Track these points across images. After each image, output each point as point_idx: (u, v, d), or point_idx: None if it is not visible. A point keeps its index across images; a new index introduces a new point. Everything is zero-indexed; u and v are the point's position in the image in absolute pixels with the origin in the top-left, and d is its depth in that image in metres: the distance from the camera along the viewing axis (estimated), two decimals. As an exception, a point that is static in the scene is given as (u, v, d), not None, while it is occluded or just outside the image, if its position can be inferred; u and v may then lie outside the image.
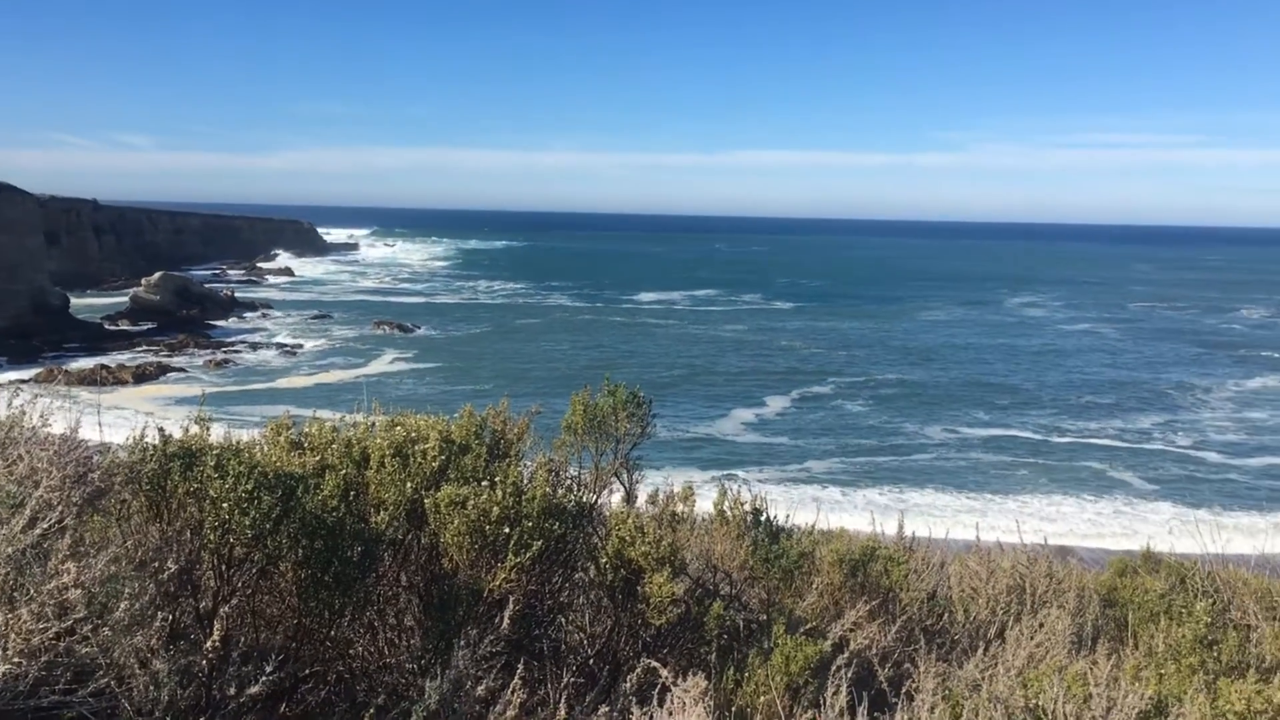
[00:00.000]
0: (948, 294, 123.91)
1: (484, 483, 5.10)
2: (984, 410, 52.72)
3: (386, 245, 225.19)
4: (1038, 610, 6.75)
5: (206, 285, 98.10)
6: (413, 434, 5.38)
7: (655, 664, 4.39)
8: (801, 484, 38.38)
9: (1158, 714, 4.47)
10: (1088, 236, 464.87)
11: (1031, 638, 6.01)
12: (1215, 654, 5.89)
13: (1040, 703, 4.50)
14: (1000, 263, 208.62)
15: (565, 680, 5.12)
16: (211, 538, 4.48)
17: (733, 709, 4.95)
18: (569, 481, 5.93)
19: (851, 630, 5.49)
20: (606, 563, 5.31)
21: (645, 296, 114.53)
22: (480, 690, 4.37)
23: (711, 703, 4.11)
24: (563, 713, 4.29)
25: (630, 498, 6.65)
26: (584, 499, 5.93)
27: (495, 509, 4.95)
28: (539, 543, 4.98)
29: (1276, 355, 74.72)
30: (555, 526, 5.25)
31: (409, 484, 5.12)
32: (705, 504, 6.75)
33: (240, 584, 4.69)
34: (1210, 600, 8.18)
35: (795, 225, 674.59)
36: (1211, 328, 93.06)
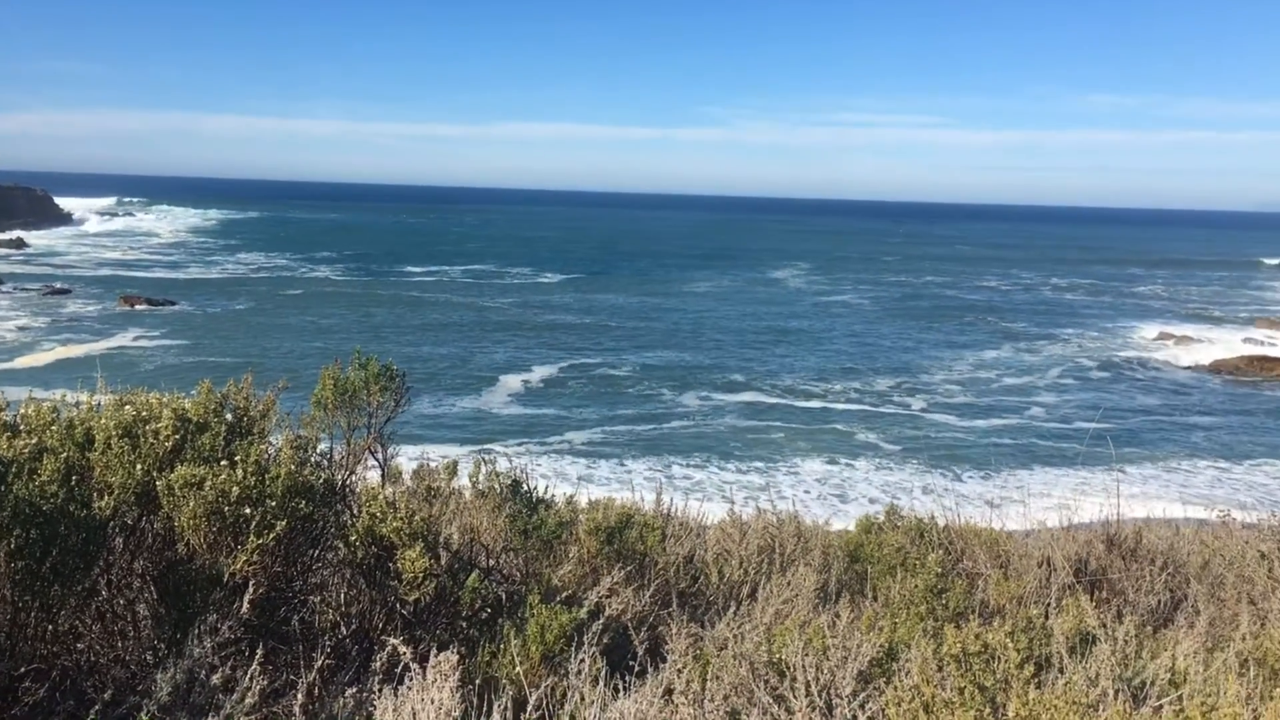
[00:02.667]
0: (711, 266, 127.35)
1: (223, 462, 4.86)
2: (744, 378, 54.58)
3: (135, 215, 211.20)
4: (786, 569, 7.04)
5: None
6: (144, 413, 5.06)
7: (395, 642, 4.31)
8: (564, 455, 38.68)
9: (889, 660, 4.74)
10: (842, 211, 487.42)
11: (779, 595, 6.26)
12: (944, 602, 6.30)
13: (783, 656, 4.68)
14: (762, 237, 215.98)
15: (320, 662, 4.96)
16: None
17: (489, 681, 4.92)
18: (318, 458, 5.73)
19: (607, 596, 5.55)
20: (356, 540, 5.17)
21: (414, 269, 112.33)
22: (216, 679, 4.17)
23: (459, 678, 4.06)
24: (300, 697, 4.14)
25: (385, 473, 6.51)
26: (335, 476, 5.76)
27: (235, 489, 4.72)
28: (283, 523, 4.79)
29: (1010, 324, 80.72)
30: (302, 505, 5.06)
31: (139, 466, 4.82)
32: (466, 477, 6.69)
33: (-56, 580, 4.30)
34: (943, 552, 8.77)
35: (564, 198, 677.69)
36: (954, 298, 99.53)
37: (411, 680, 4.05)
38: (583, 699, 4.19)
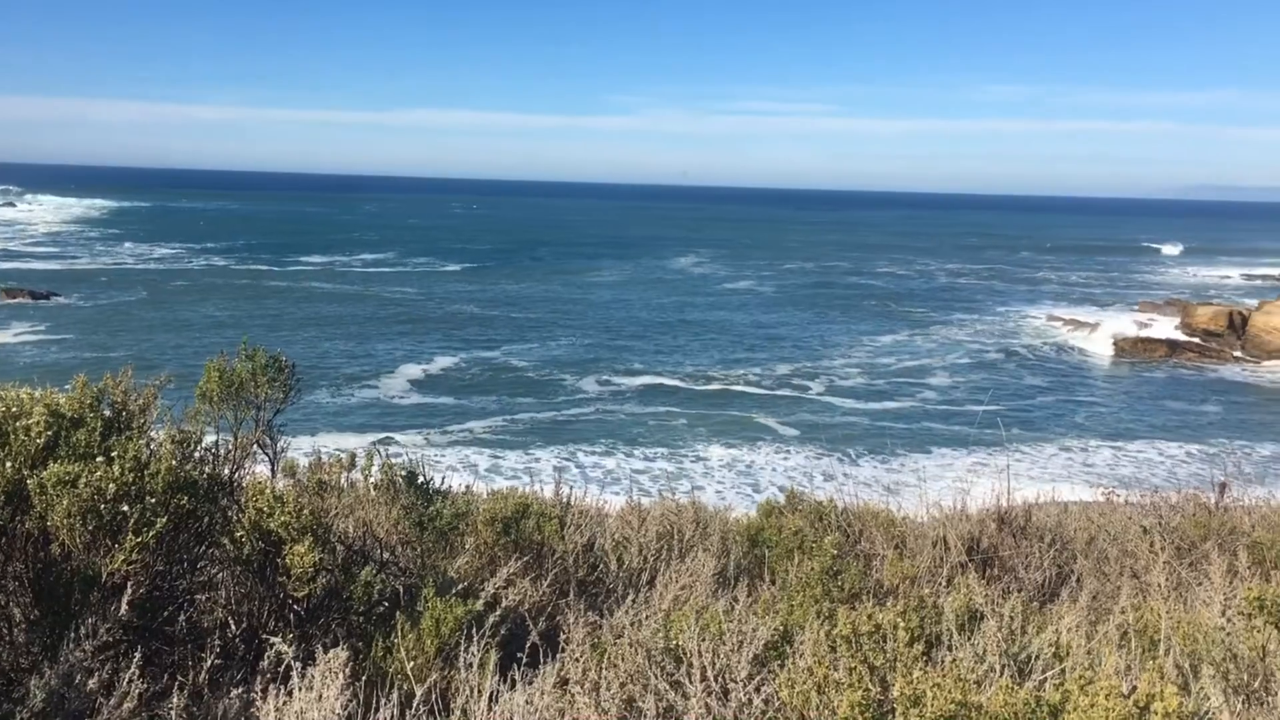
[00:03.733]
0: (617, 254, 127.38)
1: (99, 459, 4.68)
2: (648, 365, 54.76)
3: (15, 204, 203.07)
4: (685, 555, 7.06)
5: None
6: (14, 409, 4.85)
7: (275, 641, 4.20)
8: (469, 445, 38.36)
9: (785, 642, 4.77)
10: (748, 199, 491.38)
11: (678, 581, 6.28)
12: (840, 583, 6.38)
13: (680, 642, 4.68)
14: (668, 225, 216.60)
15: (209, 662, 4.83)
16: None
17: (382, 677, 4.83)
18: (203, 452, 5.55)
19: (504, 587, 5.50)
20: (243, 536, 5.03)
21: (313, 259, 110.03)
22: (93, 683, 4.02)
23: (349, 675, 3.98)
24: (176, 699, 4.01)
25: (275, 466, 6.35)
26: (221, 470, 5.59)
27: (112, 486, 4.55)
28: (163, 520, 4.63)
29: (908, 309, 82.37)
30: (185, 501, 4.91)
31: (9, 464, 4.62)
32: (360, 470, 6.56)
33: None
34: (842, 534, 8.89)
35: (471, 186, 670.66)
36: (854, 284, 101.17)
37: (308, 678, 3.95)
38: (474, 692, 4.13)
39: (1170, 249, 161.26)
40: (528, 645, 5.14)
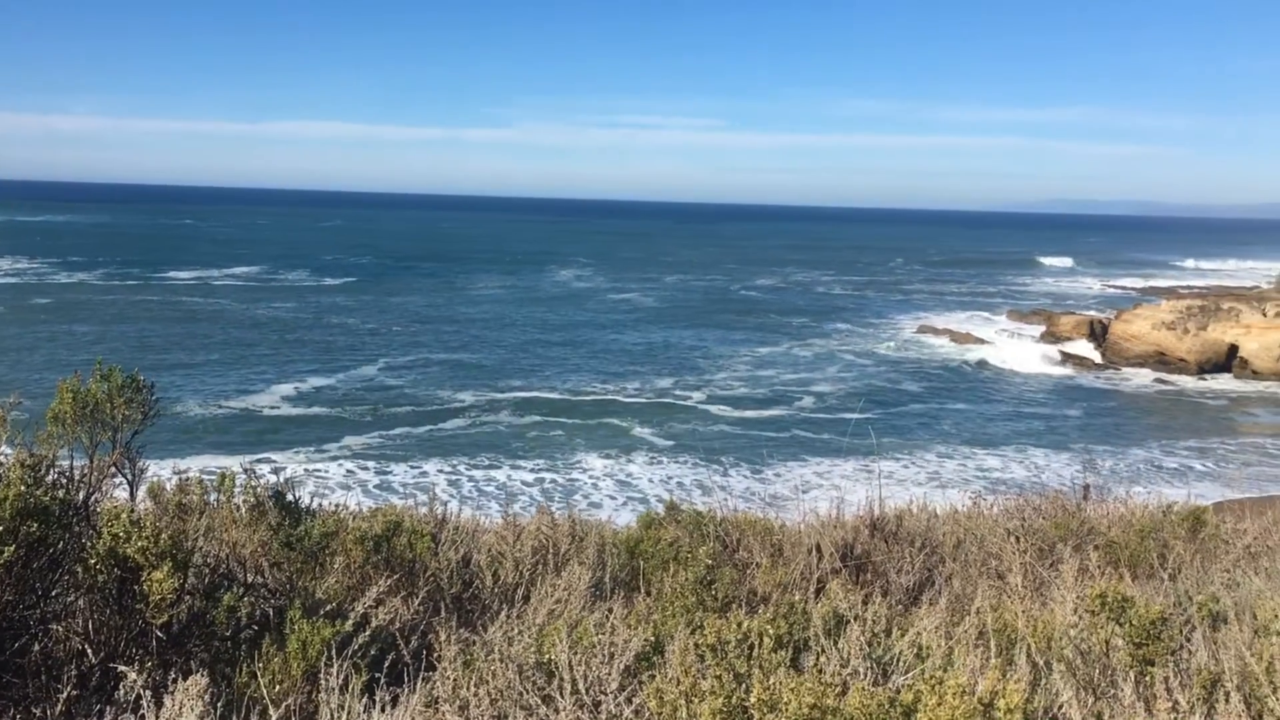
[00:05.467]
0: (498, 268, 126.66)
1: (-60, 486, 4.48)
2: (529, 379, 54.56)
3: None
4: (561, 569, 7.06)
5: None
6: None
7: (125, 669, 4.07)
8: (342, 460, 37.70)
9: (656, 653, 4.82)
10: (629, 213, 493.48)
11: (552, 595, 6.27)
12: (713, 592, 6.46)
13: (551, 656, 4.69)
14: (548, 238, 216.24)
15: (65, 693, 4.64)
16: None
17: (246, 702, 4.72)
18: (55, 476, 5.34)
19: (374, 606, 5.42)
20: (98, 563, 4.85)
21: (181, 274, 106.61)
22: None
23: (209, 701, 3.87)
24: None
25: (134, 489, 6.15)
26: (75, 495, 5.39)
27: (-45, 514, 4.36)
28: (11, 548, 4.44)
29: (786, 320, 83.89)
30: (35, 528, 4.72)
31: None
32: (220, 491, 6.40)
33: None
34: (719, 543, 9.00)
35: (348, 199, 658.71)
36: (733, 296, 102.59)
37: (155, 709, 3.83)
38: (335, 715, 4.07)
39: (1037, 260, 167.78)
40: (400, 665, 5.07)
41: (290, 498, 6.61)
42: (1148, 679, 4.17)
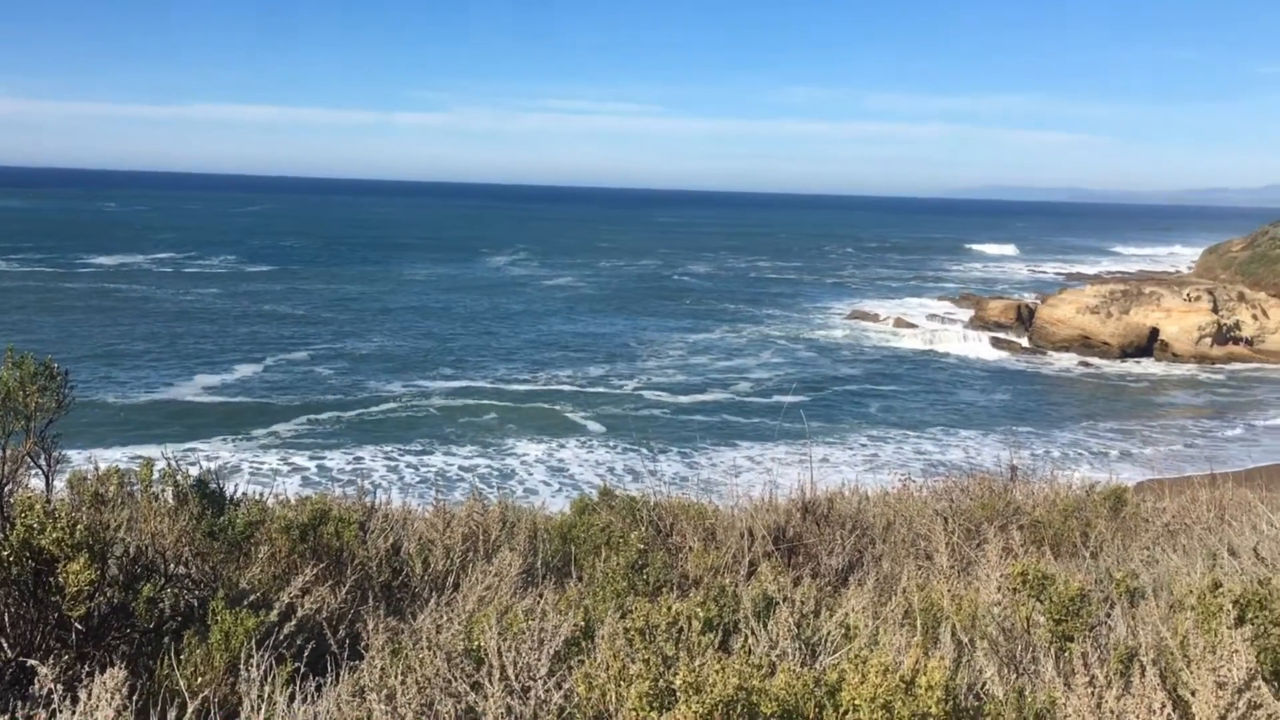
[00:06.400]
0: (431, 253, 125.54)
1: None
2: (462, 365, 54.25)
3: None
4: (492, 556, 7.01)
5: None
6: None
7: (33, 662, 3.97)
8: (271, 449, 37.20)
9: (586, 638, 4.80)
10: (563, 199, 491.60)
11: (483, 582, 6.23)
12: (644, 576, 6.46)
13: (481, 643, 4.65)
14: (483, 224, 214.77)
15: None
16: None
17: (167, 694, 4.62)
18: (-35, 468, 5.19)
19: (300, 596, 5.34)
20: (11, 555, 4.72)
21: (104, 260, 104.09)
22: None
23: (127, 694, 3.78)
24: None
25: (49, 480, 5.98)
26: (-14, 486, 5.23)
27: None
28: (-83, 541, 4.30)
29: (720, 306, 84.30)
30: (-56, 520, 4.57)
31: None
32: (140, 481, 6.25)
33: None
34: (653, 528, 9.00)
35: (275, 184, 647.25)
36: (669, 282, 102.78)
37: (67, 703, 3.73)
38: (256, 706, 4.00)
39: (969, 246, 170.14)
40: (327, 654, 5.00)
41: (214, 486, 6.48)
42: (1067, 654, 4.25)
